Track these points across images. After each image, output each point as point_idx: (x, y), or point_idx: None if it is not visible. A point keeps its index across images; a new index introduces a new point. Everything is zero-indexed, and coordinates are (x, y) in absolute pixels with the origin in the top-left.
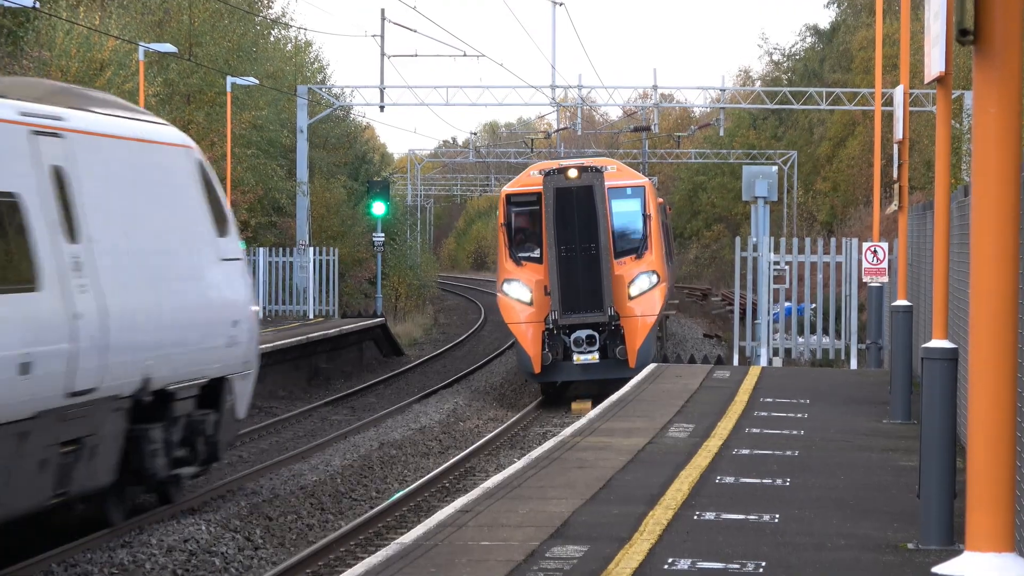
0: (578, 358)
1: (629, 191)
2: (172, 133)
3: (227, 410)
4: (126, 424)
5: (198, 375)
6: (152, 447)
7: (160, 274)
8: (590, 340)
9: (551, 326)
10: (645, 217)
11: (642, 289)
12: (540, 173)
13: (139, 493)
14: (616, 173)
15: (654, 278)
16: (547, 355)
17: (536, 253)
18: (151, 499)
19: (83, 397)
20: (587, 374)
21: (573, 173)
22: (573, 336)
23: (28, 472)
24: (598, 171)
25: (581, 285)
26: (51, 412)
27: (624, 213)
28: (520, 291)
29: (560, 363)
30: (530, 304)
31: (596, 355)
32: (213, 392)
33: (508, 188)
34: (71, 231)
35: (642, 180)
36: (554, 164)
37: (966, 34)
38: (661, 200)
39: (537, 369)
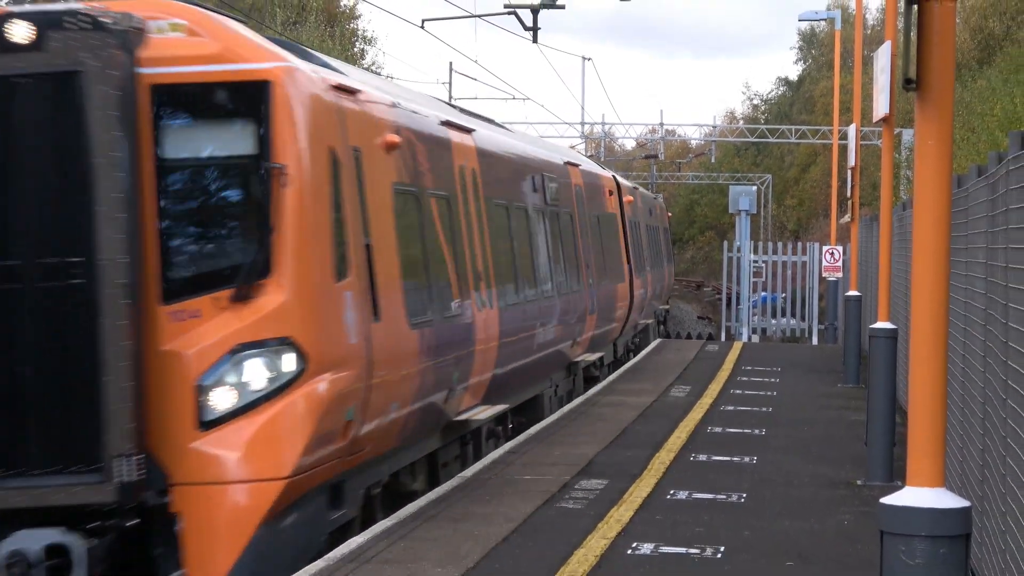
0: None
1: (223, 96)
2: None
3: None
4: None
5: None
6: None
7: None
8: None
9: None
10: (265, 175)
11: (249, 397)
12: None
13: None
14: (182, 40)
15: (292, 362)
16: None
17: None
18: None
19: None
20: None
21: None
22: None
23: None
24: (69, 15)
25: (7, 385)
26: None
27: (201, 167)
28: None
29: None
30: None
31: None
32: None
33: None
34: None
35: (267, 65)
36: None
37: (910, 82)
38: (393, 138)
39: None
